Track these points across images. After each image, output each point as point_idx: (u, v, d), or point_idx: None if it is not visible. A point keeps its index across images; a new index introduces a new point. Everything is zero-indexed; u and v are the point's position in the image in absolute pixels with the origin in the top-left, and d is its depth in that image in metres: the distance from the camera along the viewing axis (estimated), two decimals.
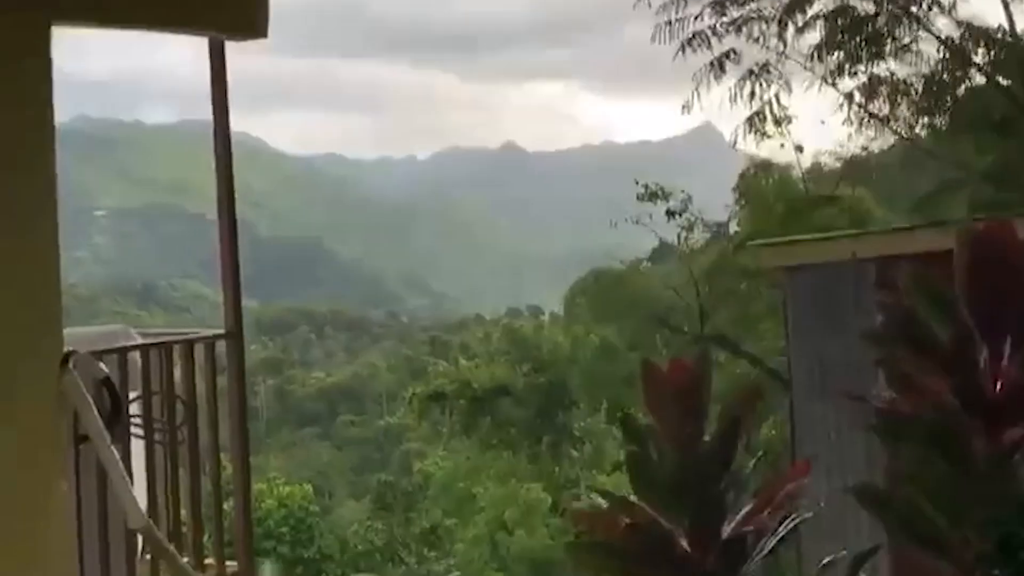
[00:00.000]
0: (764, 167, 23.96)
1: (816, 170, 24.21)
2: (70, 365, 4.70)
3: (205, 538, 5.84)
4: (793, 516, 3.19)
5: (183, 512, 5.63)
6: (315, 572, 27.52)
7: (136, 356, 5.41)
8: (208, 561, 5.76)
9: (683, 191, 24.00)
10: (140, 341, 5.58)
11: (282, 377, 66.34)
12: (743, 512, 3.26)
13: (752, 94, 19.63)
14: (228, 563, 5.83)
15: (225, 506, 6.16)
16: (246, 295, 5.90)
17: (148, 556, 5.49)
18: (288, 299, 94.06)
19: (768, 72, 19.59)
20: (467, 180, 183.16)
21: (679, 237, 24.04)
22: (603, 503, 3.41)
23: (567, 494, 24.85)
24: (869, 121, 19.87)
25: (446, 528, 28.91)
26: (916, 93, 19.03)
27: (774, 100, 19.88)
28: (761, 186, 23.44)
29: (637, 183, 23.90)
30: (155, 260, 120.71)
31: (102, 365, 4.97)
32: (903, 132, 19.97)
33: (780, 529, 3.25)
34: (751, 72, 19.58)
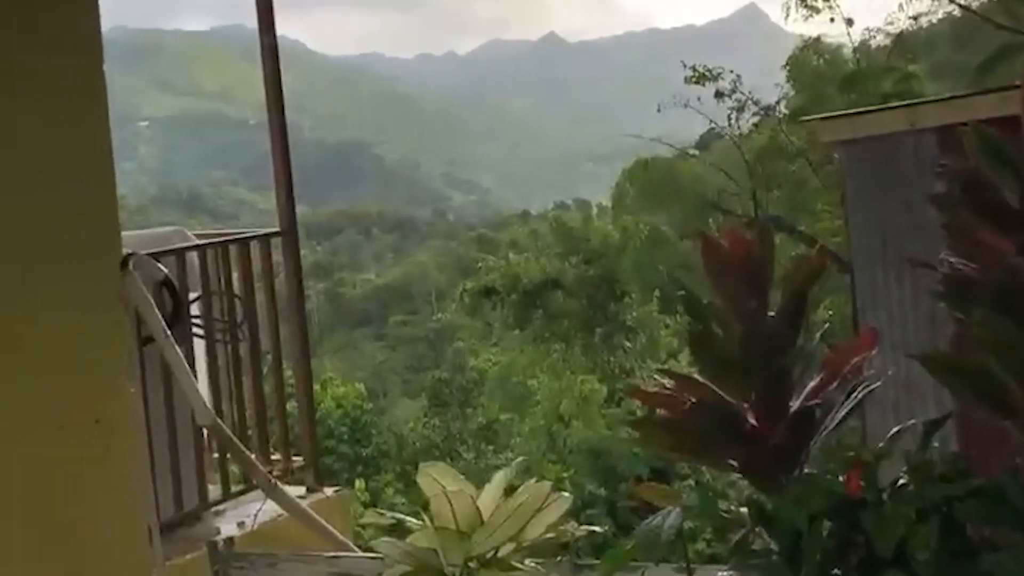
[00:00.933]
0: (814, 45, 23.55)
1: (865, 46, 23.78)
2: (130, 267, 4.75)
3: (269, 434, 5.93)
4: (860, 387, 3.15)
5: (247, 409, 5.71)
6: (375, 469, 27.95)
7: (194, 257, 5.45)
8: (274, 457, 5.85)
9: (732, 71, 23.64)
10: (196, 242, 5.62)
11: (332, 280, 66.79)
12: (810, 386, 3.24)
13: None
14: (294, 458, 5.93)
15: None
16: None
17: (216, 453, 5.60)
18: (334, 202, 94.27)
19: None
20: (509, 73, 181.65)
21: (729, 119, 23.74)
22: (666, 383, 3.40)
23: (624, 382, 24.97)
24: None
25: (502, 423, 29.20)
26: None
27: None
28: (812, 64, 23.05)
29: (684, 66, 23.56)
30: (200, 168, 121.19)
31: (161, 266, 5.02)
32: None
33: (848, 401, 3.23)
34: None
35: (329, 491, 5.79)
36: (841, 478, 2.94)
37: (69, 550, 4.58)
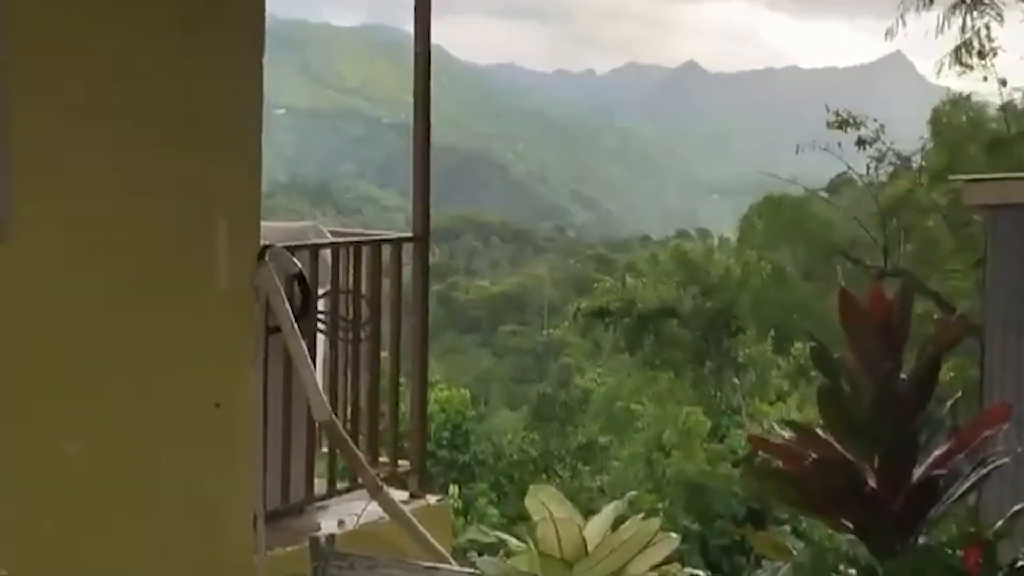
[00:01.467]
0: (957, 102, 23.07)
1: (1013, 106, 23.23)
2: (266, 258, 4.84)
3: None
4: (989, 462, 3.09)
5: (360, 409, 5.76)
6: (470, 476, 27.99)
7: (327, 253, 5.53)
8: (382, 459, 5.90)
9: (876, 120, 23.26)
10: (330, 239, 5.70)
11: (447, 283, 67.18)
12: (936, 454, 3.18)
13: (963, 25, 18.88)
14: (400, 462, 5.97)
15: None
16: None
17: (326, 449, 5.66)
18: (457, 207, 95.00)
19: (983, 3, 18.78)
20: (645, 97, 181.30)
21: (868, 167, 23.33)
22: (782, 432, 3.36)
23: (730, 418, 24.67)
24: None
25: (602, 445, 29.04)
26: None
27: (983, 30, 19.09)
28: (956, 120, 22.57)
29: (828, 109, 23.24)
30: (331, 161, 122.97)
31: (295, 260, 5.10)
32: None
33: (973, 474, 3.16)
34: (963, 0, 18.80)
35: (432, 499, 5.82)
36: (958, 552, 2.88)
37: (178, 527, 4.67)
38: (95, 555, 4.40)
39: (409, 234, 5.85)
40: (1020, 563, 2.81)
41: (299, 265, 5.08)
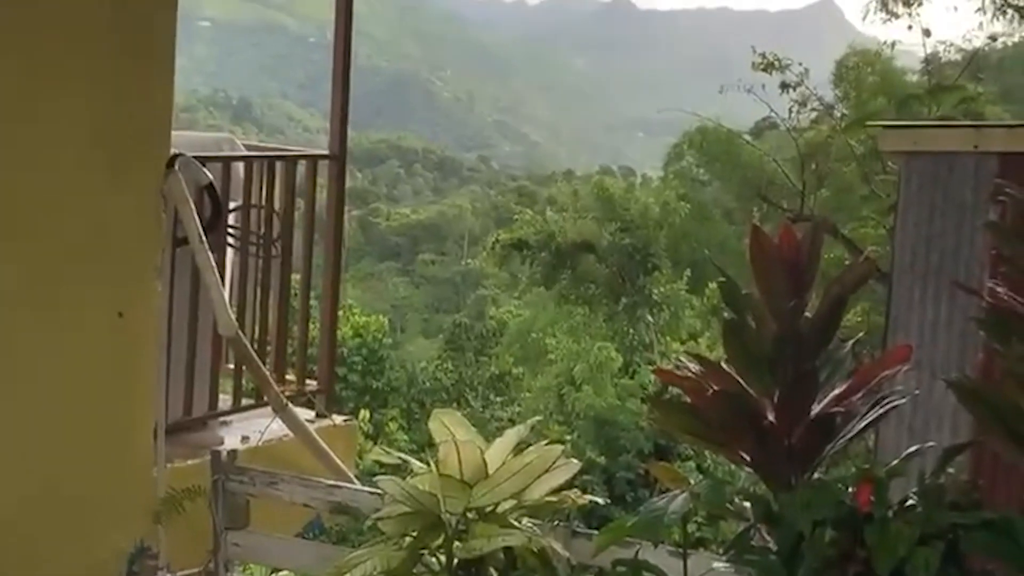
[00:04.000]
0: (866, 54, 23.24)
1: (936, 58, 23.47)
2: (176, 168, 4.74)
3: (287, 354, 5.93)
4: (887, 403, 3.13)
5: (268, 326, 5.71)
6: (382, 402, 28.03)
7: (239, 167, 5.44)
8: (288, 378, 5.86)
9: (800, 64, 23.38)
10: (244, 152, 5.60)
11: (367, 209, 66.73)
12: (834, 392, 3.21)
13: None
14: (308, 382, 5.93)
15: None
16: None
17: (232, 364, 5.61)
18: (381, 131, 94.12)
19: None
20: (575, 31, 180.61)
21: (790, 111, 23.49)
22: (691, 367, 3.37)
23: (642, 355, 24.89)
24: (1005, 11, 19.13)
25: (514, 376, 29.22)
26: None
27: None
28: (862, 75, 22.78)
29: (754, 51, 23.31)
30: (253, 77, 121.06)
31: (206, 171, 5.01)
32: None
33: (870, 413, 3.20)
34: None
35: (338, 419, 5.80)
36: (851, 489, 2.92)
37: (79, 437, 4.61)
38: None
39: (325, 151, 5.78)
40: (909, 502, 2.87)
41: (210, 176, 4.99)
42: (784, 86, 23.12)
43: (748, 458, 3.16)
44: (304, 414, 5.49)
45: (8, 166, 4.29)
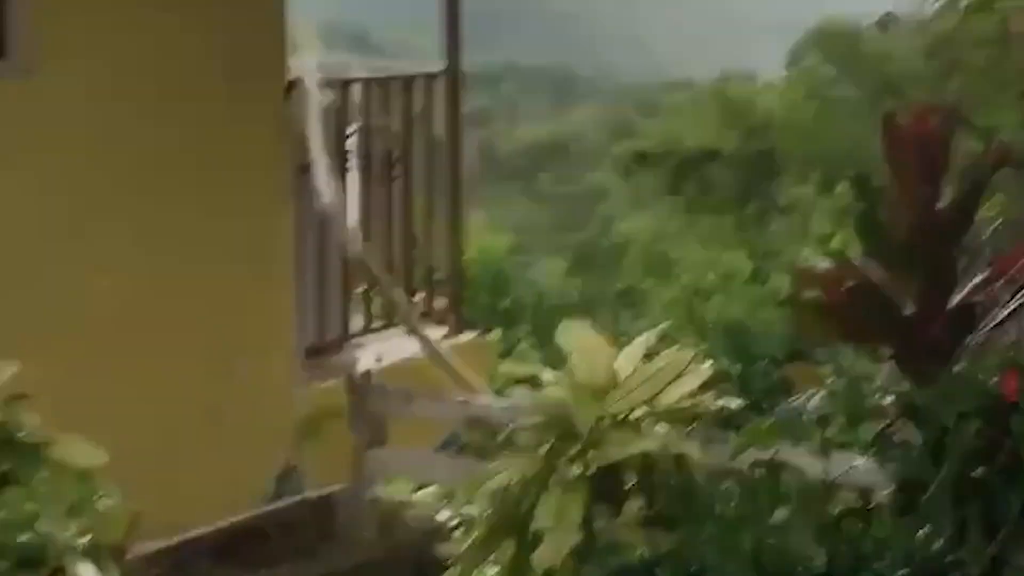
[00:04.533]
0: None
1: None
2: (294, 93, 4.77)
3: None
4: None
5: (394, 247, 5.73)
6: (511, 321, 28.16)
7: (357, 89, 5.44)
8: (417, 297, 5.88)
9: None
10: (362, 75, 5.60)
11: (487, 131, 66.55)
12: (974, 282, 3.11)
13: None
14: (436, 300, 5.95)
15: None
16: None
17: (362, 287, 5.65)
18: (496, 51, 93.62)
19: None
20: None
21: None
22: (826, 264, 3.30)
23: (773, 263, 24.54)
24: None
25: (642, 290, 29.08)
26: None
27: None
28: None
29: None
30: (367, 6, 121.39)
31: (323, 95, 5.02)
32: None
33: (1012, 302, 3.10)
34: None
35: (470, 335, 5.82)
36: (995, 380, 2.84)
37: (220, 360, 4.72)
38: (137, 389, 4.45)
39: (441, 68, 5.74)
40: None
41: (329, 98, 5.00)
42: None
43: (888, 353, 3.09)
44: (436, 332, 5.53)
45: (152, 98, 4.37)
